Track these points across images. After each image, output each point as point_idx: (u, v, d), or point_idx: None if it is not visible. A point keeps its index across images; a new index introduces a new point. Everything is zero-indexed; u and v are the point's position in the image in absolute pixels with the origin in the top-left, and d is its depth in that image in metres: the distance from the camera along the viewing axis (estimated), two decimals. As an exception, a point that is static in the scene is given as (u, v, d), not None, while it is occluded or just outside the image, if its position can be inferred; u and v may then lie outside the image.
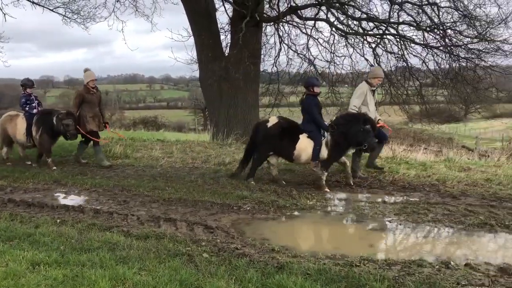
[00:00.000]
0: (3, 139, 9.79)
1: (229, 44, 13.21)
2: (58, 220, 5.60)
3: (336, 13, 12.63)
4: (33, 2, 14.14)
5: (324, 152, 7.27)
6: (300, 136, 7.35)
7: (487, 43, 11.67)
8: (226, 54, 13.00)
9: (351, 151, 7.91)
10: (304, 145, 7.30)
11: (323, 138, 7.26)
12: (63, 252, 4.40)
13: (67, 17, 14.50)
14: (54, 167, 9.10)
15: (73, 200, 6.90)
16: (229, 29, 13.26)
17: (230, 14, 13.10)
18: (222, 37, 13.45)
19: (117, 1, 13.45)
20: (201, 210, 6.11)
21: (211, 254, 4.36)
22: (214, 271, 3.90)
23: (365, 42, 13.18)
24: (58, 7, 14.30)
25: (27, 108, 9.49)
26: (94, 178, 8.22)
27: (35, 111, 9.48)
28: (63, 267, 4.01)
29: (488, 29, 11.53)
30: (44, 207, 6.37)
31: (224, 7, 13.22)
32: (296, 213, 6.11)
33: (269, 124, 7.54)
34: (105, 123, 9.78)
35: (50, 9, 14.39)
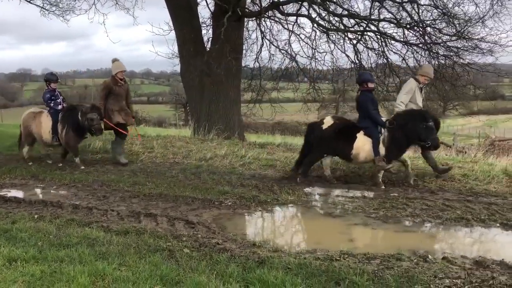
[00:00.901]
0: (26, 138, 9.18)
1: (210, 39, 13.14)
2: (35, 216, 5.52)
3: (317, 9, 12.68)
4: (9, -7, 13.82)
5: (381, 150, 7.07)
6: (357, 134, 7.17)
7: (465, 41, 11.88)
8: (208, 49, 12.93)
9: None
10: (362, 144, 7.12)
11: (380, 135, 7.08)
12: (40, 248, 4.33)
13: (45, 9, 14.24)
14: (82, 167, 8.58)
15: (51, 195, 6.79)
16: (211, 23, 13.19)
17: (212, 8, 13.03)
18: (203, 31, 13.39)
19: (97, -6, 13.23)
20: (182, 206, 6.09)
21: (192, 249, 4.35)
22: (195, 266, 3.89)
23: (346, 38, 13.27)
24: (35, -1, 14.03)
25: (52, 104, 8.95)
26: (73, 173, 8.11)
27: (60, 107, 8.96)
28: (41, 263, 3.95)
29: (466, 27, 11.73)
30: (21, 202, 6.26)
31: (206, 1, 13.21)
32: (277, 208, 6.13)
33: (324, 126, 7.39)
34: (132, 117, 9.25)
35: (27, 1, 14.10)
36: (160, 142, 11.24)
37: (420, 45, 12.41)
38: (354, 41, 13.13)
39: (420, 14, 12.10)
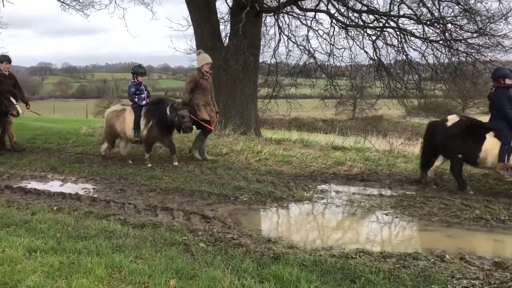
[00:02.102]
0: (107, 135, 8.80)
1: (228, 34, 13.15)
2: (55, 208, 5.61)
3: (336, 5, 12.58)
4: (31, -12, 14.04)
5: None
6: (487, 135, 6.50)
7: (487, 38, 11.65)
8: (226, 45, 12.94)
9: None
10: (491, 146, 6.43)
11: None
12: (59, 239, 4.40)
13: (65, 3, 14.41)
14: (150, 164, 8.25)
15: (69, 187, 6.90)
16: (229, 19, 13.19)
17: (230, 4, 13.03)
18: (221, 27, 13.40)
19: (117, -12, 13.34)
20: (198, 200, 6.12)
21: (208, 244, 4.38)
22: (210, 261, 3.91)
23: (365, 34, 13.15)
24: (56, -7, 14.20)
25: (136, 99, 8.52)
26: (91, 166, 8.21)
27: (143, 102, 8.50)
28: (60, 254, 4.01)
29: (489, 24, 11.51)
30: (41, 194, 6.36)
31: (224, -4, 13.14)
32: (292, 204, 6.12)
33: (449, 123, 6.80)
34: (217, 112, 8.94)
35: (48, -4, 14.28)
36: (177, 136, 11.29)
37: (440, 42, 12.22)
38: (373, 37, 13.01)
39: (440, 10, 11.92)
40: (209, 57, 8.68)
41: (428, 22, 12.05)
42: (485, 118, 7.03)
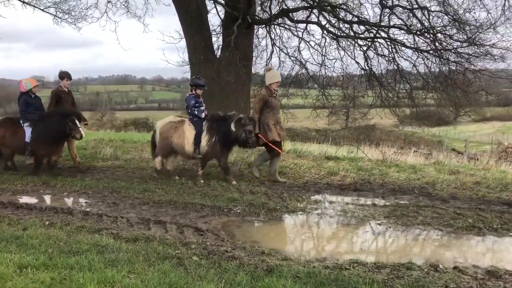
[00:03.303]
0: (162, 149, 8.22)
1: (220, 46, 13.20)
2: (46, 222, 5.55)
3: (327, 16, 12.67)
4: (23, 2, 14.05)
5: None
6: None
7: (476, 47, 11.80)
8: (218, 57, 12.99)
9: None
10: None
11: None
12: (51, 255, 4.35)
13: (58, 17, 14.42)
14: (202, 181, 7.93)
15: (62, 202, 6.85)
16: (221, 31, 13.24)
17: (222, 16, 13.09)
18: (214, 39, 13.44)
19: (109, 2, 13.40)
20: (191, 213, 6.09)
21: (201, 257, 4.35)
22: (204, 274, 3.89)
23: (356, 45, 13.24)
24: (49, 7, 14.24)
25: (195, 112, 8.16)
26: (84, 180, 8.16)
27: (203, 115, 8.21)
28: (51, 270, 3.97)
29: (477, 33, 11.66)
30: (32, 209, 6.31)
31: (216, 9, 13.22)
32: (286, 215, 6.11)
33: None
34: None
35: (40, 9, 14.31)
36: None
37: (431, 52, 12.34)
38: (364, 48, 13.11)
39: (430, 20, 12.07)
40: (279, 75, 8.38)
41: (418, 32, 12.18)
42: (476, 127, 7.08)
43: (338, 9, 12.54)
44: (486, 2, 11.76)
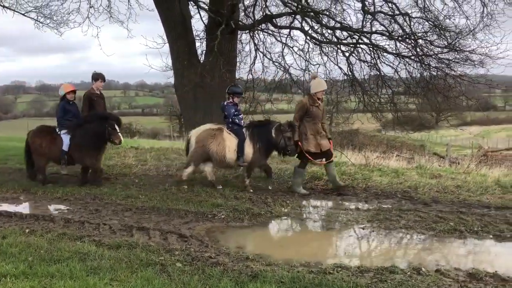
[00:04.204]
0: (198, 157, 7.89)
1: (204, 52, 13.18)
2: (27, 230, 5.45)
3: (310, 22, 12.77)
4: (3, 6, 13.85)
5: None
6: None
7: (456, 53, 12.01)
8: (202, 62, 12.97)
9: None
10: None
11: None
12: (31, 263, 4.27)
13: (39, 21, 14.25)
14: (251, 190, 7.68)
15: (43, 209, 6.74)
16: (205, 36, 13.24)
17: (206, 21, 13.09)
18: (197, 44, 13.42)
19: (91, 7, 13.27)
20: (175, 219, 6.05)
21: (185, 264, 4.32)
22: (187, 281, 3.86)
23: (339, 50, 13.36)
24: (30, 11, 14.06)
25: (236, 120, 7.96)
26: (65, 186, 8.04)
27: (243, 122, 8.07)
28: (31, 279, 3.90)
29: (457, 39, 11.88)
30: (12, 216, 6.19)
31: (200, 14, 13.22)
32: (270, 220, 6.11)
33: None
34: (329, 139, 8.04)
35: (21, 14, 14.12)
36: (154, 154, 11.22)
37: (412, 57, 12.51)
38: (347, 53, 13.23)
39: (411, 26, 12.25)
40: (325, 83, 8.08)
41: (400, 38, 12.35)
42: (458, 132, 7.20)
43: (321, 15, 12.63)
44: (465, 9, 12.02)
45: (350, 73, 13.41)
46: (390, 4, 12.42)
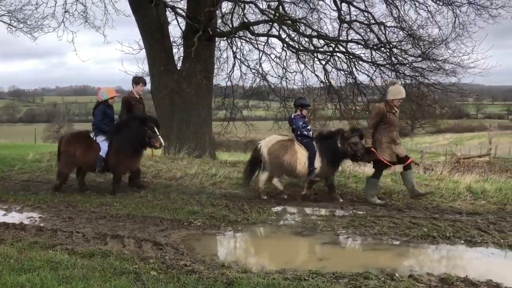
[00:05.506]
0: (276, 169, 7.72)
1: (181, 58, 13.16)
2: (-4, 239, 5.31)
3: (287, 30, 12.90)
4: (-26, 10, 13.55)
5: None
6: None
7: (430, 62, 12.31)
8: (179, 68, 12.93)
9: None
10: None
11: None
12: (0, 273, 4.16)
13: (12, 26, 14.00)
14: (341, 200, 7.60)
15: (14, 217, 6.57)
16: (182, 42, 13.22)
17: (183, 27, 13.07)
18: (174, 50, 13.40)
19: (66, 12, 13.12)
20: (150, 226, 5.98)
21: (159, 272, 4.27)
22: (162, 289, 3.82)
23: (315, 59, 13.54)
24: (2, 15, 13.81)
25: (305, 133, 7.81)
26: (38, 193, 7.87)
27: (311, 134, 7.95)
28: (0, 289, 3.80)
29: (431, 48, 12.18)
30: (-19, 225, 6.02)
31: (177, 20, 13.21)
32: (247, 227, 6.10)
33: None
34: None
35: (-7, 17, 13.84)
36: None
37: (387, 66, 12.77)
38: (323, 62, 13.41)
39: (386, 35, 12.51)
40: (404, 91, 7.78)
41: (375, 47, 12.60)
42: (432, 139, 7.34)
43: (298, 23, 12.79)
44: (438, 19, 12.36)
45: (326, 81, 13.61)
46: (365, 14, 12.67)
